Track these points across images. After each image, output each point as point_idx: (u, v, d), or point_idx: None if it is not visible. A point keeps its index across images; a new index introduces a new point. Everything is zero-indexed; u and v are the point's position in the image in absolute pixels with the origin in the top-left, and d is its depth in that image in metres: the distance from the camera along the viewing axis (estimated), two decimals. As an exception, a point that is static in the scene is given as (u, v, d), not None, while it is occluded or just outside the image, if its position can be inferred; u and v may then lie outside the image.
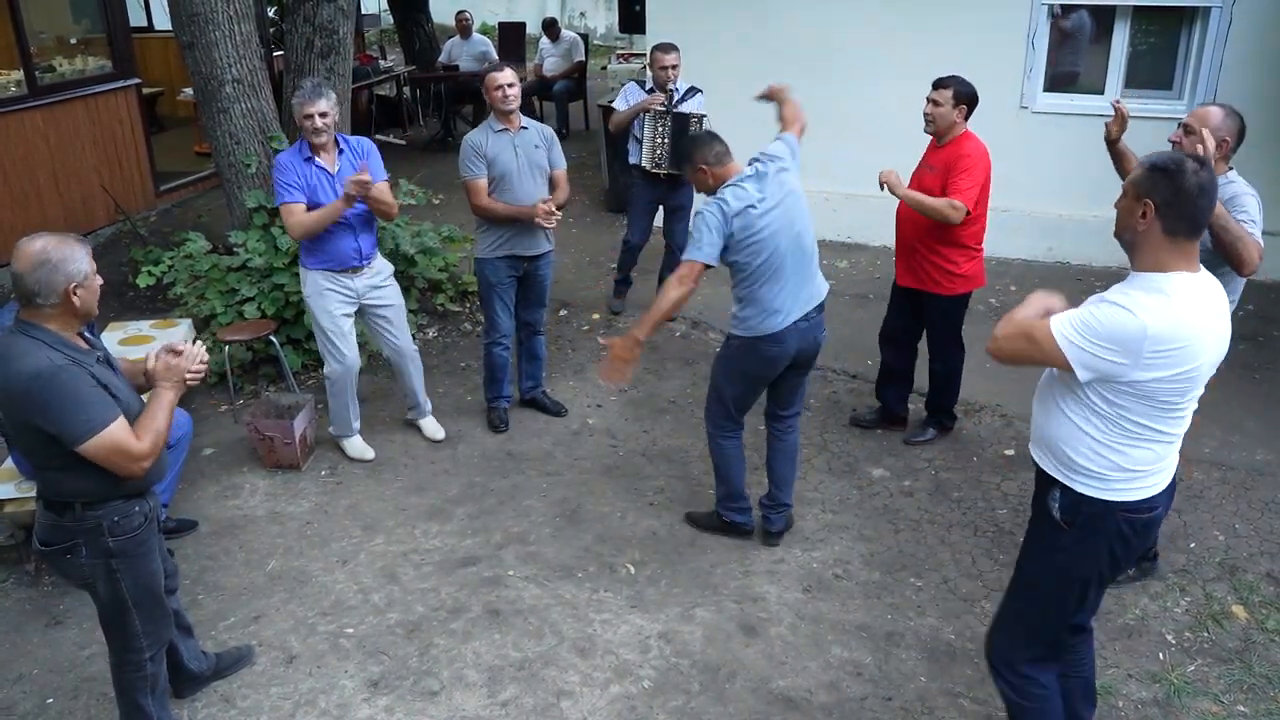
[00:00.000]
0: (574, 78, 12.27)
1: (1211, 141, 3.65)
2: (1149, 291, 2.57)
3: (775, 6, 7.97)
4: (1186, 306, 2.55)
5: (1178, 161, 2.57)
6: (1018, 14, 7.46)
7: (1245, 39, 7.05)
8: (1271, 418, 5.52)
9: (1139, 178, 2.60)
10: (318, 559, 4.47)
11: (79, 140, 8.27)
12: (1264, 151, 7.23)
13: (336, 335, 4.99)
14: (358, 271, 4.96)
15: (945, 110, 4.72)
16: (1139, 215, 2.59)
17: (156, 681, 3.25)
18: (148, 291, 7.03)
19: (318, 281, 4.92)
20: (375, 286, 5.04)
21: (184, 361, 3.04)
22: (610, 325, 6.89)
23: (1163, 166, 2.57)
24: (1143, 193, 2.58)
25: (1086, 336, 2.58)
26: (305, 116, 4.69)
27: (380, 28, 18.38)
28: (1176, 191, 2.53)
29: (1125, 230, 2.66)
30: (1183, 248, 2.59)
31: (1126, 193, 2.64)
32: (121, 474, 2.88)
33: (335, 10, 6.53)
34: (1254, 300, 7.04)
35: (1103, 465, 2.72)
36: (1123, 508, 2.75)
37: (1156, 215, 2.56)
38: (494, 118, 5.13)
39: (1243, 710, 3.57)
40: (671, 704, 3.62)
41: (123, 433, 2.84)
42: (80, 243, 2.87)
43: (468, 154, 5.07)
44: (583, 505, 4.85)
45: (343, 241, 4.85)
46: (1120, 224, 2.68)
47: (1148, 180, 2.58)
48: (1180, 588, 4.22)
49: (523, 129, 5.15)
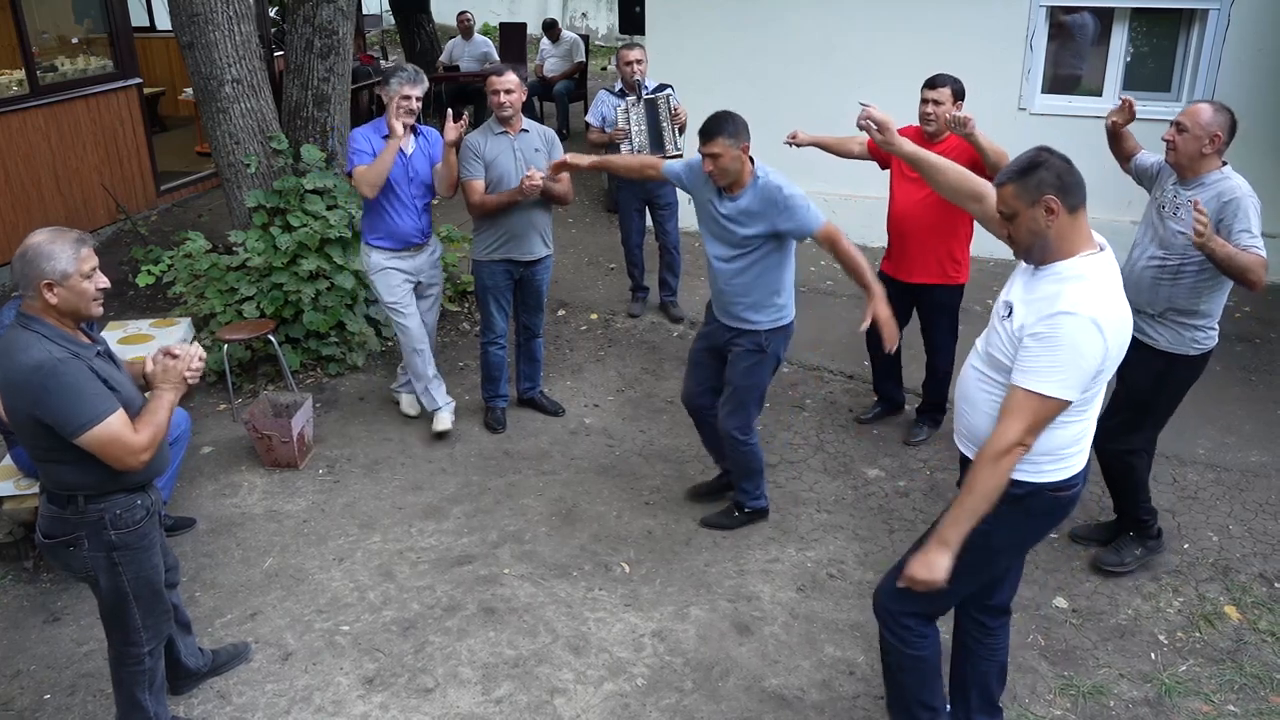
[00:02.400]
0: (574, 78, 12.30)
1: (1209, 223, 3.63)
2: (1072, 282, 2.65)
3: (774, 7, 7.99)
4: (1107, 285, 2.67)
5: (1035, 153, 2.72)
6: (1016, 15, 7.48)
7: (1243, 41, 7.07)
8: (1267, 419, 5.54)
9: (1023, 188, 2.69)
10: (314, 557, 4.49)
11: (80, 140, 8.30)
12: (1262, 153, 7.26)
13: (398, 311, 5.29)
14: (419, 249, 5.28)
15: (946, 108, 4.75)
16: (1047, 215, 2.67)
17: (155, 677, 3.27)
18: (148, 290, 7.06)
19: (379, 260, 5.22)
20: (431, 265, 5.40)
21: (181, 363, 3.06)
22: (609, 325, 6.91)
23: (1032, 165, 2.69)
24: (1037, 195, 2.67)
25: (1065, 365, 2.61)
26: (404, 96, 4.94)
27: (382, 28, 18.41)
28: (1058, 175, 2.67)
29: (1036, 238, 2.71)
30: (1083, 220, 2.72)
31: (1017, 211, 2.71)
32: (119, 467, 2.90)
33: (335, 11, 6.55)
34: (1251, 303, 7.05)
35: (1034, 452, 2.76)
36: (1050, 488, 2.83)
37: (1061, 204, 2.65)
38: (494, 120, 5.15)
39: (1233, 710, 3.58)
40: (664, 702, 3.64)
41: (121, 425, 2.87)
42: (72, 244, 2.86)
43: (465, 155, 5.09)
44: (579, 504, 4.87)
45: (406, 221, 5.16)
46: (1027, 238, 2.74)
47: (1033, 183, 2.67)
48: (1173, 588, 4.23)
49: (523, 131, 5.16)
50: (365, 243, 5.27)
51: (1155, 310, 3.95)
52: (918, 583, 2.80)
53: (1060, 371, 2.61)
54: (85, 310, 2.92)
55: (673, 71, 7.31)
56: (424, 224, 5.26)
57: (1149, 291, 3.95)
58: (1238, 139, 7.54)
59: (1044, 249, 2.72)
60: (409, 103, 4.97)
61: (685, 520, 4.72)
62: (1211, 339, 3.98)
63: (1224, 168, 3.83)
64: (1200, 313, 3.90)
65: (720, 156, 3.99)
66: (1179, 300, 3.89)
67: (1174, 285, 3.89)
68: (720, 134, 3.97)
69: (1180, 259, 3.86)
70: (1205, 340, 3.96)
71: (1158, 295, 3.93)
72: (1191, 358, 3.98)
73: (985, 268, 7.79)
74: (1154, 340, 3.99)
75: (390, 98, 4.97)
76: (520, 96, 5.11)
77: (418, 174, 5.13)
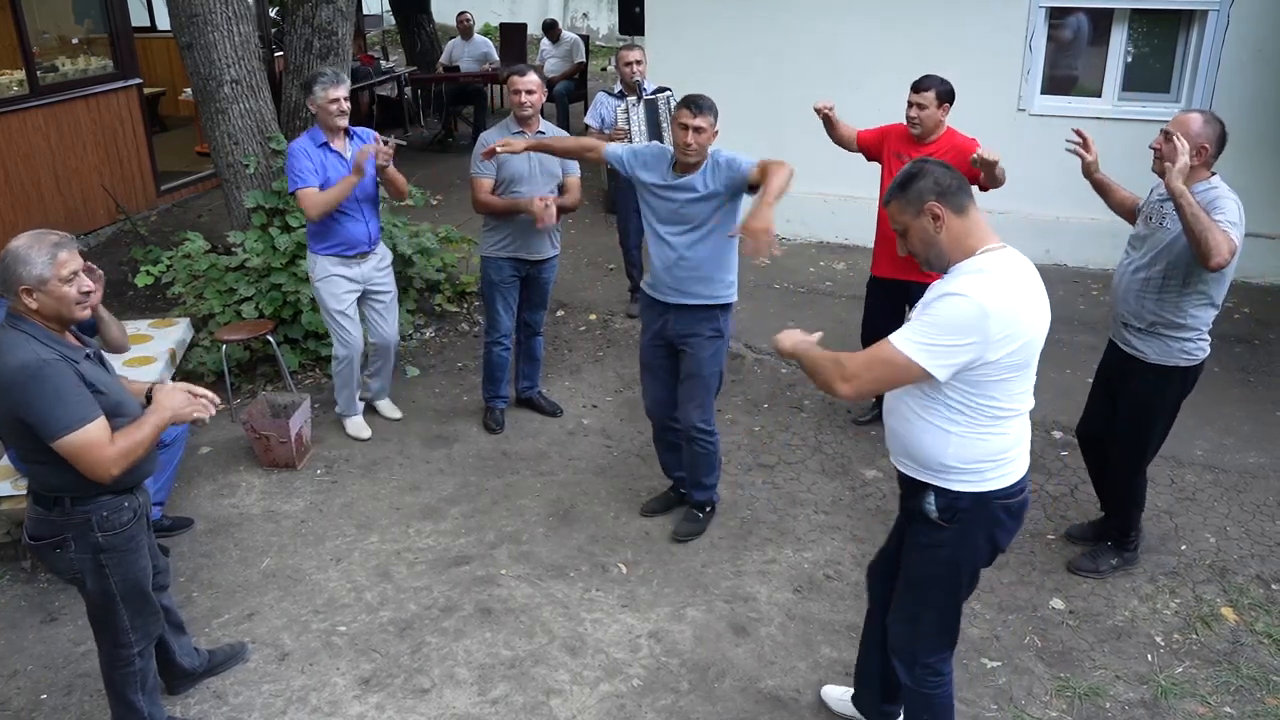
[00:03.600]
0: (575, 79, 12.30)
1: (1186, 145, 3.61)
2: (969, 274, 2.66)
3: (774, 9, 8.00)
4: (1008, 278, 2.66)
5: (912, 166, 2.75)
6: (1016, 16, 7.48)
7: (1242, 42, 7.06)
8: (1265, 421, 5.54)
9: (906, 201, 2.71)
10: (312, 557, 4.49)
11: (80, 140, 8.32)
12: (1261, 154, 7.27)
13: (342, 318, 5.20)
14: (365, 257, 5.19)
15: (930, 111, 4.79)
16: (935, 222, 2.68)
17: (146, 677, 3.27)
18: (147, 291, 7.06)
19: (325, 266, 5.12)
20: (378, 270, 5.29)
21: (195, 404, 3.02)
22: (608, 325, 6.91)
23: (909, 177, 2.72)
24: (921, 206, 2.69)
25: (934, 337, 2.62)
26: (331, 101, 4.89)
27: (383, 28, 18.42)
28: (935, 180, 2.68)
29: (931, 246, 2.73)
30: (974, 217, 2.71)
31: (906, 225, 2.73)
32: (90, 476, 2.86)
33: (334, 12, 6.56)
34: (1249, 304, 7.05)
35: (972, 460, 2.77)
36: (996, 495, 2.82)
37: (946, 207, 2.66)
38: (512, 118, 5.13)
39: (1229, 712, 3.58)
40: (660, 703, 3.64)
41: (98, 434, 2.83)
42: (49, 249, 2.83)
43: (478, 153, 5.06)
44: (576, 505, 4.87)
45: (354, 226, 5.08)
46: (922, 248, 2.75)
47: (914, 194, 2.69)
48: (1170, 589, 4.23)
49: (539, 133, 5.13)
50: (310, 250, 5.16)
51: (1142, 323, 3.92)
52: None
53: (926, 339, 2.62)
54: (68, 314, 2.90)
55: (672, 72, 7.31)
56: (373, 230, 5.16)
57: (1135, 302, 3.92)
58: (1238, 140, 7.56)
59: (940, 255, 2.72)
60: (338, 105, 4.91)
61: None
62: (1203, 350, 3.93)
63: (1212, 178, 3.77)
64: (1187, 325, 3.85)
65: (703, 131, 4.06)
66: (1165, 312, 3.84)
67: (1159, 296, 3.84)
68: (709, 110, 4.07)
69: (1164, 269, 3.80)
70: (1196, 351, 3.91)
71: (1144, 307, 3.89)
72: (1184, 369, 3.93)
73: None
74: (1143, 354, 3.96)
75: (319, 106, 4.90)
76: (541, 97, 5.08)
77: (362, 181, 4.94)
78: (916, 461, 2.85)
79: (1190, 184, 3.71)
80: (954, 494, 2.80)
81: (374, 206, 5.18)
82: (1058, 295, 7.18)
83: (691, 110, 4.03)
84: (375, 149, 4.88)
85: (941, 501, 2.82)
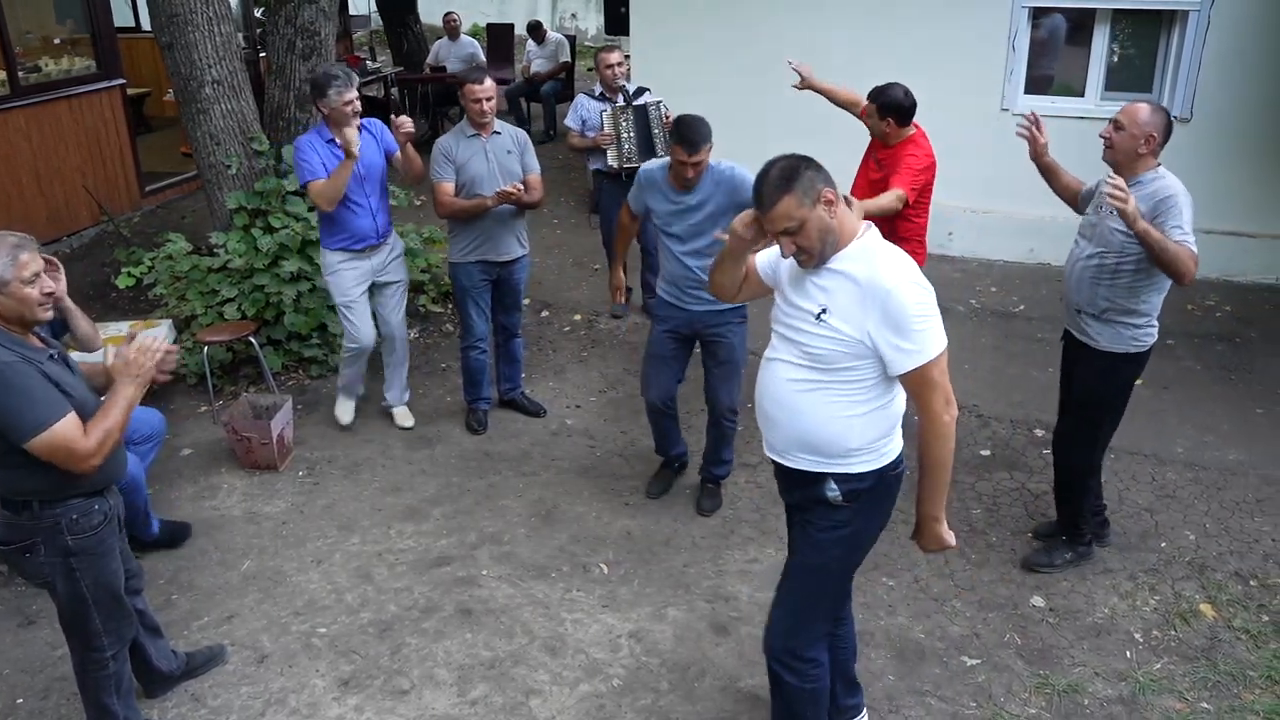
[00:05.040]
0: (561, 79, 12.29)
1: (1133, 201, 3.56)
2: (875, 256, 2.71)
3: (758, 10, 8.01)
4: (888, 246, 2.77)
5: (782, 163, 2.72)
6: (998, 17, 7.49)
7: (1223, 42, 7.09)
8: (1245, 419, 5.56)
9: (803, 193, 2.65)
10: (292, 559, 4.48)
11: (63, 140, 8.28)
12: (1241, 152, 7.30)
13: (350, 310, 5.25)
14: (376, 249, 5.23)
15: (874, 122, 4.86)
16: (830, 207, 2.69)
17: (121, 681, 3.25)
18: (129, 292, 7.04)
19: (333, 261, 5.19)
20: (389, 261, 5.34)
21: (144, 356, 2.97)
22: (592, 326, 6.91)
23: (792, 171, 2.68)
24: (815, 196, 2.67)
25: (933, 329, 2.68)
26: (346, 103, 4.93)
27: (370, 29, 18.37)
28: (816, 168, 2.71)
29: (828, 234, 2.70)
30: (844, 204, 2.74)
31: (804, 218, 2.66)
32: (72, 469, 2.85)
33: (317, 12, 6.54)
34: (1230, 302, 7.08)
35: (873, 437, 2.82)
36: (888, 469, 2.88)
37: (836, 192, 2.69)
38: (467, 122, 5.15)
39: (1207, 708, 3.60)
40: (640, 703, 3.64)
41: (71, 430, 2.82)
42: (9, 250, 2.81)
43: (437, 158, 5.09)
44: (558, 505, 4.86)
45: (360, 219, 5.12)
46: (820, 240, 2.70)
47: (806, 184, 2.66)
48: (1150, 586, 4.25)
49: (495, 134, 5.16)
50: (322, 246, 5.25)
51: (1095, 310, 3.95)
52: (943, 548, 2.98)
53: (928, 333, 2.66)
54: (30, 316, 2.88)
55: (656, 73, 7.33)
56: (381, 222, 5.21)
57: (1088, 290, 3.95)
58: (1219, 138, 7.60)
59: (835, 242, 2.72)
60: (353, 106, 4.96)
61: (664, 521, 4.73)
62: (1151, 335, 3.98)
63: (1159, 168, 3.80)
64: (1139, 311, 3.90)
65: (703, 161, 4.24)
66: (1118, 299, 3.88)
67: (1112, 284, 3.88)
68: (705, 141, 4.20)
69: (1118, 256, 3.83)
70: (1145, 338, 3.96)
71: (1096, 294, 3.92)
72: (1133, 355, 3.99)
73: (969, 267, 7.82)
74: (1095, 340, 3.99)
75: (333, 108, 4.92)
76: (496, 103, 5.16)
77: (369, 171, 5.07)
78: (819, 454, 2.85)
79: (1137, 173, 3.79)
80: (855, 475, 2.83)
81: (381, 199, 5.22)
82: (1041, 294, 7.24)
83: (688, 150, 4.18)
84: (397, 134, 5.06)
85: (844, 486, 2.85)
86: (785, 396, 2.86)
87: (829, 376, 2.76)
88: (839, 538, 2.93)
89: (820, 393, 2.79)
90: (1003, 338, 6.65)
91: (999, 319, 6.95)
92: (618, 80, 6.40)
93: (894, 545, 4.51)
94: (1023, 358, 6.30)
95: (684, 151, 4.17)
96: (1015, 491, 4.94)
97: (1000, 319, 6.95)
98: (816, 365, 2.77)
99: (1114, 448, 5.16)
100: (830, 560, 2.97)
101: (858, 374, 2.75)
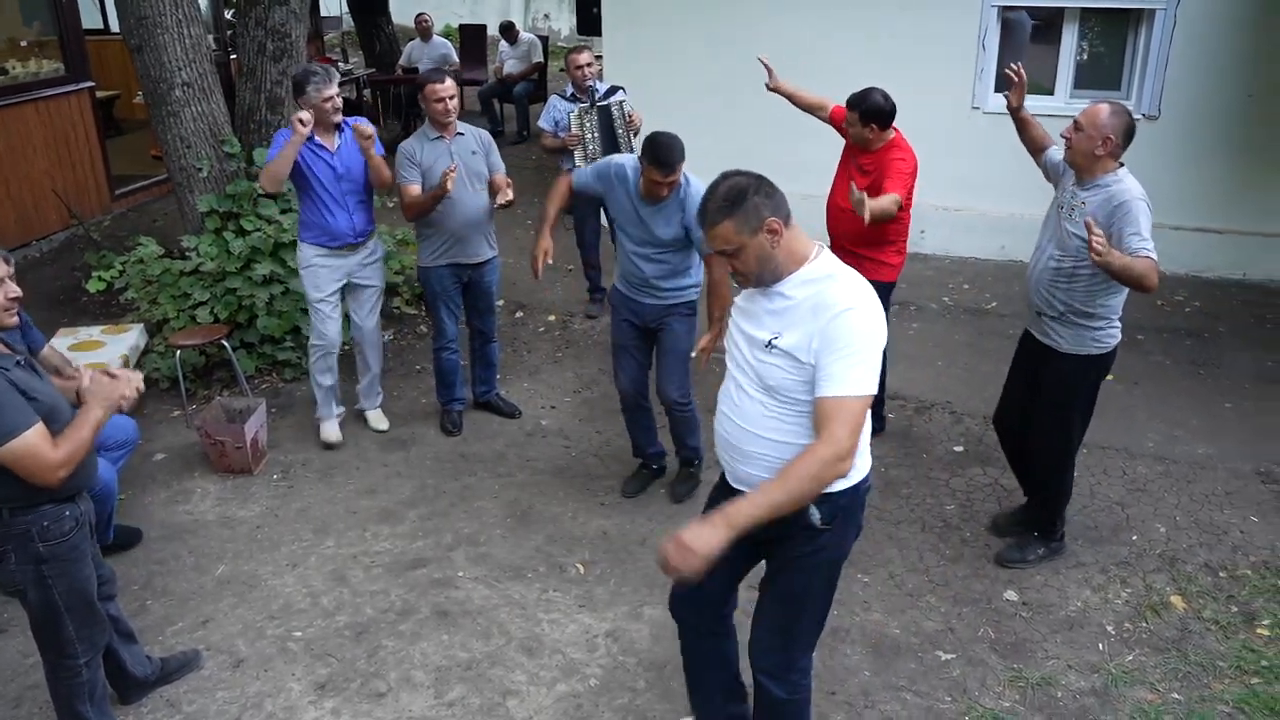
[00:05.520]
0: (534, 79, 12.28)
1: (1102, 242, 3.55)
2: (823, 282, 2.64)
3: (731, 11, 8.02)
4: (853, 274, 2.69)
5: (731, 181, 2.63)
6: (969, 16, 7.55)
7: (1189, 40, 7.18)
8: (1214, 413, 5.63)
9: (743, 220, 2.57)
10: (267, 563, 4.46)
11: (30, 144, 8.19)
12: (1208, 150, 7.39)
13: (321, 305, 5.23)
14: (353, 249, 5.20)
15: (857, 130, 4.82)
16: (773, 237, 2.60)
17: (95, 688, 3.22)
18: (100, 296, 6.99)
19: (309, 255, 5.15)
20: (365, 264, 5.30)
21: (119, 385, 2.99)
22: (566, 326, 6.91)
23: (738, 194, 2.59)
24: (759, 223, 2.58)
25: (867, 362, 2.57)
26: (325, 100, 4.91)
27: (342, 30, 18.30)
28: (767, 194, 2.60)
29: (767, 262, 2.64)
30: (797, 228, 2.66)
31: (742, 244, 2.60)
32: (35, 482, 2.83)
33: (288, 14, 6.51)
34: (1199, 298, 7.17)
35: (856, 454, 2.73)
36: (862, 485, 2.83)
37: (782, 221, 2.59)
38: (429, 125, 5.14)
39: (1177, 698, 3.64)
40: (617, 702, 3.65)
41: (38, 439, 2.79)
42: None
43: (401, 161, 5.08)
44: (534, 506, 4.86)
45: (336, 218, 5.08)
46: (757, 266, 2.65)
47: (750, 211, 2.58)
48: (1121, 579, 4.29)
49: (459, 135, 5.15)
50: (300, 240, 5.21)
51: (1054, 312, 3.98)
52: (684, 547, 2.56)
53: (864, 367, 2.55)
54: None
55: (629, 73, 7.33)
56: (358, 222, 5.15)
57: (1047, 292, 3.99)
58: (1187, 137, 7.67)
59: (775, 270, 2.66)
60: (333, 102, 4.95)
61: (640, 520, 4.73)
62: (1114, 337, 4.01)
63: (1119, 170, 3.82)
64: (1097, 315, 3.92)
65: (677, 180, 4.30)
66: (1076, 302, 3.91)
67: (1069, 287, 3.91)
68: (680, 160, 4.25)
69: (1074, 262, 3.86)
70: (1107, 339, 3.99)
71: (1055, 297, 3.96)
72: (1095, 357, 4.01)
73: (942, 265, 7.88)
74: (1057, 343, 4.03)
75: (314, 106, 4.90)
76: (458, 103, 5.16)
77: (348, 170, 5.04)
78: None
79: (1095, 175, 3.83)
80: (834, 495, 2.72)
81: (360, 200, 5.15)
82: (1013, 291, 7.29)
83: (663, 171, 4.21)
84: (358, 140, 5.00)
85: (825, 508, 2.73)
86: (754, 426, 2.76)
87: (788, 407, 2.68)
88: (819, 563, 2.84)
89: (785, 419, 2.70)
90: (975, 335, 6.70)
91: (972, 316, 7.01)
92: (587, 80, 6.40)
93: (869, 542, 4.54)
94: (995, 354, 6.33)
95: (659, 172, 4.19)
96: (988, 487, 4.98)
97: (973, 316, 7.00)
98: (774, 395, 2.69)
99: (1086, 443, 5.21)
100: (813, 585, 2.90)
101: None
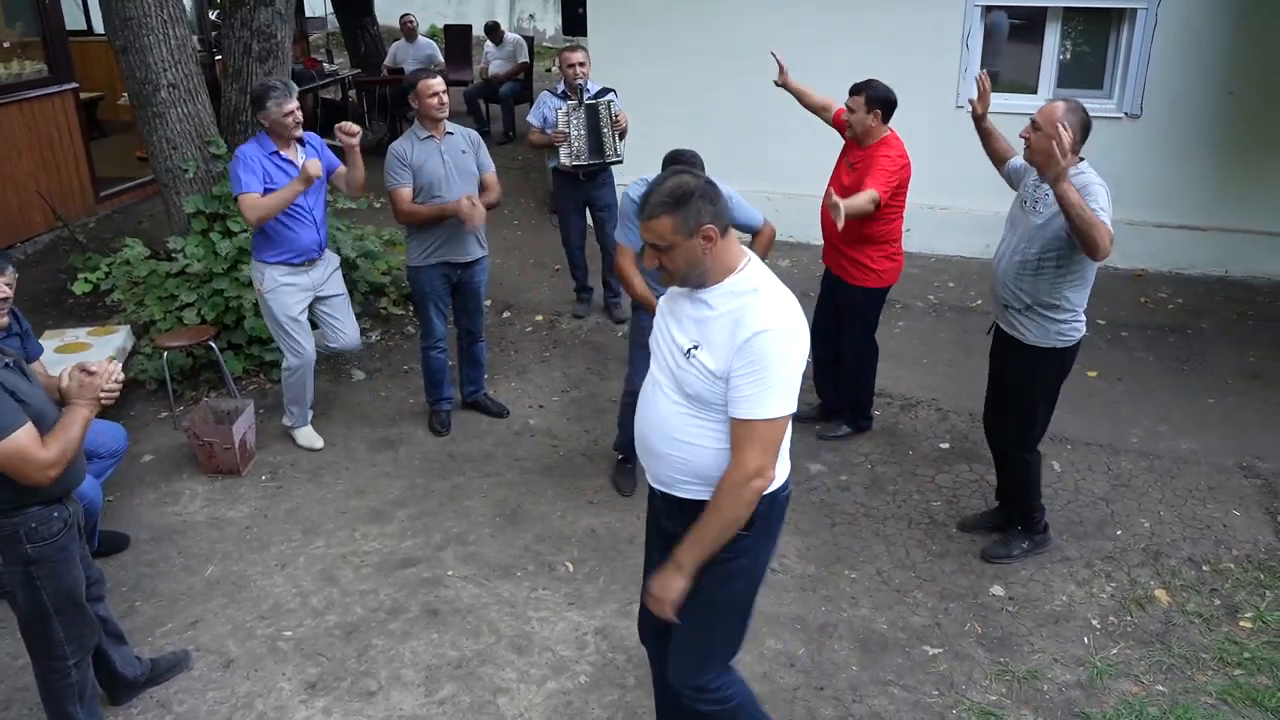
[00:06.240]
0: (520, 79, 12.28)
1: (1068, 137, 3.62)
2: (746, 297, 2.58)
3: (716, 11, 8.05)
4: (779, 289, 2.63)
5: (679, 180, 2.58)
6: (952, 15, 7.59)
7: (1171, 39, 7.23)
8: (1197, 409, 5.68)
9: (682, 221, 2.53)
10: (257, 563, 4.46)
11: (14, 146, 8.15)
12: (1190, 148, 7.45)
13: (294, 326, 5.12)
14: (314, 264, 5.13)
15: (860, 116, 4.83)
16: (707, 244, 2.56)
17: (84, 689, 3.22)
18: (87, 298, 6.96)
19: (274, 276, 5.03)
20: (327, 275, 5.23)
21: (97, 380, 2.98)
22: (554, 326, 6.92)
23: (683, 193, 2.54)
24: (696, 227, 2.53)
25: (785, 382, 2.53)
26: (286, 114, 4.87)
27: (327, 31, 18.25)
28: (710, 200, 2.56)
29: (695, 267, 2.60)
30: (732, 236, 2.64)
31: (675, 244, 2.56)
32: (26, 483, 2.83)
33: (273, 15, 6.50)
34: (1182, 294, 7.23)
35: None
36: (781, 492, 2.77)
37: (718, 229, 2.56)
38: (419, 125, 5.14)
39: (1161, 690, 3.68)
40: (607, 698, 3.67)
41: (28, 440, 2.80)
42: None
43: (392, 163, 5.08)
44: (523, 505, 4.88)
45: (305, 233, 5.02)
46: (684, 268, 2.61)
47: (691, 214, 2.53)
48: (1106, 574, 4.33)
49: (449, 135, 5.16)
50: (257, 260, 5.06)
51: (1020, 304, 4.02)
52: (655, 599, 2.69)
53: (778, 390, 2.52)
54: None
55: (615, 74, 7.33)
56: (322, 236, 5.12)
57: (1013, 284, 4.02)
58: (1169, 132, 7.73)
59: (703, 276, 2.62)
60: (293, 116, 4.91)
61: (628, 519, 4.75)
62: (1078, 330, 4.04)
63: (1080, 163, 3.85)
64: (1062, 306, 3.96)
65: None
66: (1041, 294, 3.95)
67: (1035, 278, 3.94)
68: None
69: (1039, 252, 3.90)
70: (1071, 332, 4.02)
71: (1020, 288, 3.99)
72: (1061, 350, 4.05)
73: (927, 263, 7.92)
74: (1022, 335, 4.07)
75: (274, 120, 4.87)
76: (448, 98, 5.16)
77: (317, 181, 4.92)
78: (710, 483, 2.67)
79: None
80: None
81: (323, 212, 5.15)
82: (997, 289, 7.33)
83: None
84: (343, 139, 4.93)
85: None
86: (668, 427, 2.71)
87: (706, 412, 2.64)
88: (740, 567, 2.75)
89: (703, 422, 2.65)
90: (961, 332, 6.74)
91: (957, 314, 7.05)
92: (578, 79, 6.42)
93: (856, 539, 4.58)
94: (981, 352, 6.31)
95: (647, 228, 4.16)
96: (974, 484, 5.01)
97: (958, 314, 7.05)
98: (692, 402, 2.65)
99: (1070, 438, 5.30)
100: (731, 593, 2.80)
101: None
